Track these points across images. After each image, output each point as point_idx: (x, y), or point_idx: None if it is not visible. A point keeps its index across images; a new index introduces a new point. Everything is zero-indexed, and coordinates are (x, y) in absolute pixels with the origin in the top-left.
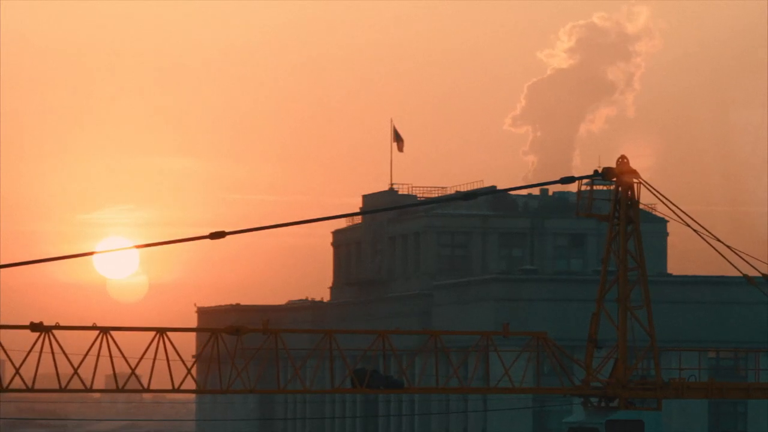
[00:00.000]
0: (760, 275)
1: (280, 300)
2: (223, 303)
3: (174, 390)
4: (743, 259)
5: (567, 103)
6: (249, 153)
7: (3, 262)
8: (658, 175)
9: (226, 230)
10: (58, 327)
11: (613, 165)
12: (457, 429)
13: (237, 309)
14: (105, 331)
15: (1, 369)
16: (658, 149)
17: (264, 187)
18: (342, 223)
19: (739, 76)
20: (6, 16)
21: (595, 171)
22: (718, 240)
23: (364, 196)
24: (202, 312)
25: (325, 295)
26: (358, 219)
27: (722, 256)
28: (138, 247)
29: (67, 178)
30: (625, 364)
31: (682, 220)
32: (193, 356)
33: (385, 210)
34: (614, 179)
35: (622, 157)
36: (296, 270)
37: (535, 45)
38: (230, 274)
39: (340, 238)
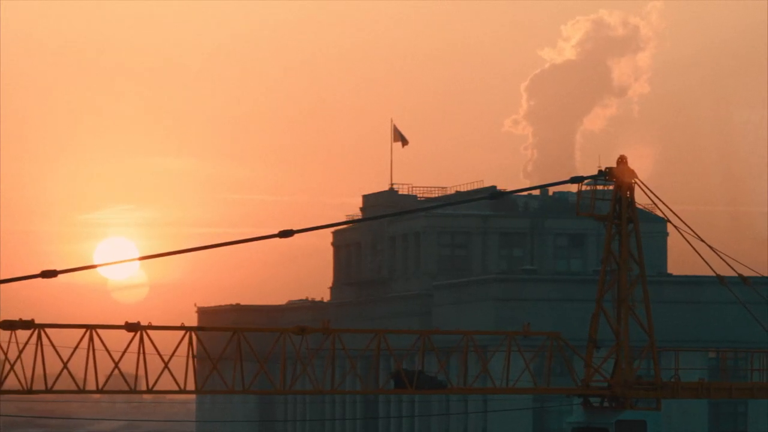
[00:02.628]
0: (736, 275)
1: (280, 300)
2: (223, 303)
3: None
4: (723, 260)
5: (568, 100)
6: (249, 153)
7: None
8: (658, 174)
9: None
10: (151, 327)
11: (613, 164)
12: (458, 429)
13: (237, 309)
14: (190, 330)
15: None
16: (658, 149)
17: (264, 187)
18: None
19: (739, 76)
20: (6, 15)
21: (599, 171)
22: (702, 240)
23: (364, 196)
24: (202, 312)
25: (325, 295)
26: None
27: (699, 255)
28: (206, 248)
29: (67, 178)
30: (626, 364)
31: (669, 219)
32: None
33: (412, 212)
34: (614, 179)
35: (622, 156)
36: (296, 270)
37: (537, 44)
38: (230, 274)
39: (340, 238)
